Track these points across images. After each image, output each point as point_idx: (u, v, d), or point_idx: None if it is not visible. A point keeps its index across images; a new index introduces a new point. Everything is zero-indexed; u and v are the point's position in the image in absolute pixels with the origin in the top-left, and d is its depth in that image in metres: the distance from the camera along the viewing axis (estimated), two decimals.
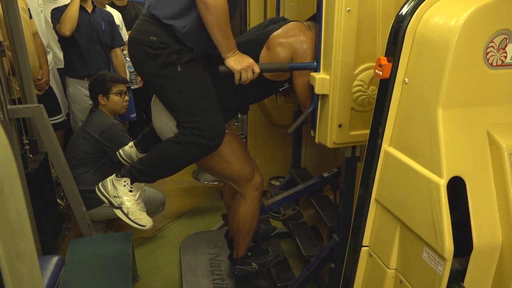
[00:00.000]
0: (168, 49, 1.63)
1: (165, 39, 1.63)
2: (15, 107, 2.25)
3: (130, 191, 1.81)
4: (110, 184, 1.82)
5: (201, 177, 3.71)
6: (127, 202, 1.80)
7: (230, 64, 1.63)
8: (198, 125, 1.68)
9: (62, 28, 2.98)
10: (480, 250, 1.06)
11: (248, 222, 2.02)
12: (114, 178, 1.83)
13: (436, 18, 1.12)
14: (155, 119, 1.89)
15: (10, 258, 0.49)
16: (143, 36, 1.65)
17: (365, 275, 1.42)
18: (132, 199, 1.81)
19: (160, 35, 1.63)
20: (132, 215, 1.80)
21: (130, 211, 1.80)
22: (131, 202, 1.81)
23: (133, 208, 1.81)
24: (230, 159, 1.89)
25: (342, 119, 1.62)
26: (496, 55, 1.09)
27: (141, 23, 1.69)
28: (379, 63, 1.24)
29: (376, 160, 1.31)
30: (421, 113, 1.14)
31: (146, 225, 1.82)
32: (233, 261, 2.19)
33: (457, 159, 1.08)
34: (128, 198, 1.80)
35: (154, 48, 1.63)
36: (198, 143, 1.69)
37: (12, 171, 0.51)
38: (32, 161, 2.44)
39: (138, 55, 1.70)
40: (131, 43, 1.71)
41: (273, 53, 1.78)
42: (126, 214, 1.80)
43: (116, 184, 1.81)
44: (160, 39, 1.63)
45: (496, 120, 1.12)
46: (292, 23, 1.84)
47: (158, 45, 1.63)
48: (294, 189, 2.33)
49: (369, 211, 1.35)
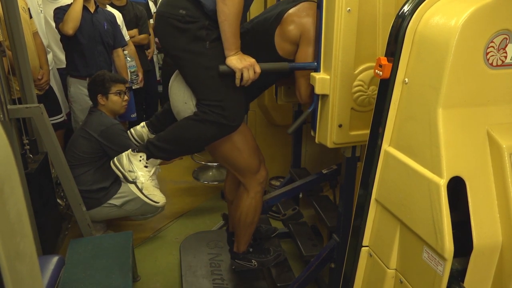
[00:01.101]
0: (198, 23, 1.62)
1: (194, 13, 1.61)
2: (15, 107, 2.25)
3: (145, 166, 1.80)
4: (125, 159, 1.82)
5: (201, 177, 3.71)
6: (142, 177, 1.79)
7: (232, 62, 1.62)
8: (221, 103, 1.67)
9: (65, 27, 2.98)
10: (480, 250, 1.06)
11: (250, 215, 2.02)
12: (130, 153, 1.82)
13: (436, 18, 1.12)
14: (174, 97, 1.86)
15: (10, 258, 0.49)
16: (171, 9, 1.63)
17: (365, 275, 1.42)
18: (147, 175, 1.80)
19: (190, 9, 1.60)
20: (146, 191, 1.80)
21: (144, 186, 1.80)
22: (146, 178, 1.80)
23: (147, 184, 1.80)
24: (242, 148, 1.88)
25: (342, 119, 1.62)
26: (496, 55, 1.09)
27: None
28: (379, 63, 1.24)
29: (376, 160, 1.31)
30: (421, 113, 1.14)
31: (160, 202, 1.83)
32: (234, 254, 2.17)
33: (457, 159, 1.08)
34: (143, 173, 1.80)
35: (183, 22, 1.61)
36: (218, 122, 1.68)
37: (12, 171, 0.51)
38: (32, 161, 2.44)
39: (165, 29, 1.67)
40: (159, 17, 1.69)
41: (285, 30, 1.76)
42: (140, 189, 1.80)
43: (132, 159, 1.81)
44: (189, 12, 1.60)
45: (496, 120, 1.12)
46: (309, 3, 1.80)
47: (187, 18, 1.61)
48: (292, 185, 2.32)
49: (369, 211, 1.35)
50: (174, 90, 1.86)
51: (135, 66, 3.77)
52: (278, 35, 1.77)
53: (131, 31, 3.97)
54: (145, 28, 4.16)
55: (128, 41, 3.76)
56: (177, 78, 1.83)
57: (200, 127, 1.71)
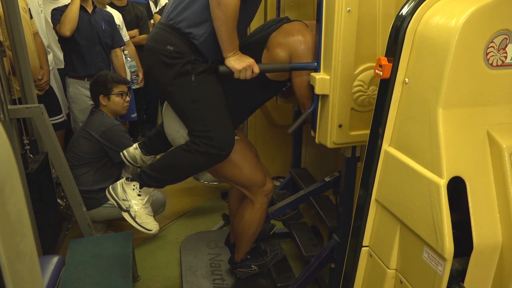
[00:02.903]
0: (184, 59, 1.65)
1: (182, 49, 1.65)
2: (16, 107, 2.25)
3: (138, 195, 1.84)
4: (120, 188, 1.86)
5: (201, 177, 3.70)
6: (135, 206, 1.83)
7: (231, 63, 1.63)
8: (209, 134, 1.69)
9: (62, 29, 2.97)
10: (480, 250, 1.06)
11: (253, 227, 2.05)
12: (124, 181, 1.86)
13: (436, 18, 1.12)
14: (167, 126, 1.90)
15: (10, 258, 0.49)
16: (160, 45, 1.66)
17: (365, 275, 1.42)
18: (140, 203, 1.84)
19: (177, 45, 1.64)
20: (139, 219, 1.84)
21: (137, 215, 1.83)
22: (139, 206, 1.84)
23: (140, 212, 1.84)
24: (241, 165, 1.90)
25: (342, 119, 1.62)
26: (496, 55, 1.09)
27: (159, 32, 1.70)
28: (379, 63, 1.24)
29: (376, 160, 1.31)
30: (421, 113, 1.14)
31: (152, 230, 1.85)
32: (234, 264, 2.21)
33: (457, 159, 1.08)
34: (136, 202, 1.84)
35: (170, 58, 1.65)
36: (207, 152, 1.70)
37: (13, 171, 0.51)
38: (32, 161, 2.44)
39: (153, 63, 1.71)
40: (148, 51, 1.73)
41: (272, 54, 1.79)
42: (133, 218, 1.83)
43: (126, 188, 1.85)
44: (176, 48, 1.64)
45: (496, 120, 1.12)
46: (291, 23, 1.84)
47: (174, 54, 1.64)
48: (296, 195, 2.33)
49: (369, 211, 1.36)
50: (167, 119, 1.91)
51: (135, 66, 3.78)
52: (266, 59, 1.80)
53: (132, 32, 3.98)
54: (145, 29, 4.16)
55: (128, 41, 3.76)
56: (169, 108, 1.87)
57: (191, 157, 1.73)
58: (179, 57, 1.65)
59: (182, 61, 1.65)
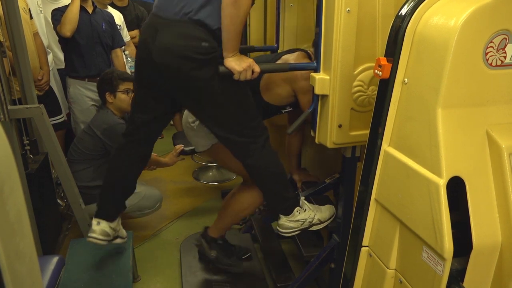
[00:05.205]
0: (217, 52, 1.62)
1: (214, 44, 1.61)
2: (16, 107, 2.25)
3: (304, 210, 1.93)
4: (291, 223, 1.92)
5: (201, 177, 3.71)
6: (313, 217, 1.94)
7: (231, 64, 1.62)
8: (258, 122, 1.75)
9: (62, 29, 2.98)
10: (480, 250, 1.06)
11: (245, 211, 2.15)
12: (287, 218, 1.91)
13: (435, 19, 1.13)
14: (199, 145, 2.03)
15: (10, 258, 0.49)
16: (192, 42, 1.58)
17: (365, 275, 1.42)
18: (311, 211, 1.94)
19: (210, 40, 1.60)
20: (324, 219, 1.98)
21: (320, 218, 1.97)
22: (313, 213, 1.95)
23: (318, 215, 1.96)
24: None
25: (342, 119, 1.62)
26: (496, 55, 1.09)
27: (183, 29, 1.60)
28: (378, 63, 1.25)
29: (376, 160, 1.31)
30: (421, 113, 1.15)
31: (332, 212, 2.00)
32: (204, 235, 2.21)
33: (456, 159, 1.08)
34: (308, 215, 1.93)
35: (207, 54, 1.60)
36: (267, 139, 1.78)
37: (12, 171, 0.51)
38: (32, 161, 2.44)
39: (187, 64, 1.61)
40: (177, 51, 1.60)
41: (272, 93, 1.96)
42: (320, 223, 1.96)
43: (294, 219, 1.91)
44: (211, 44, 1.60)
45: (496, 120, 1.12)
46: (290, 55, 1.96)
47: (210, 50, 1.60)
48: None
49: (369, 211, 1.36)
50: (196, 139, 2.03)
51: None
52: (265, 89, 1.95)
53: (132, 32, 3.98)
54: None
55: (129, 41, 3.76)
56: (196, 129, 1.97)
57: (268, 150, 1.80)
58: (214, 51, 1.61)
59: (217, 55, 1.61)
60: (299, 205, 1.92)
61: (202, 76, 1.63)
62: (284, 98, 2.00)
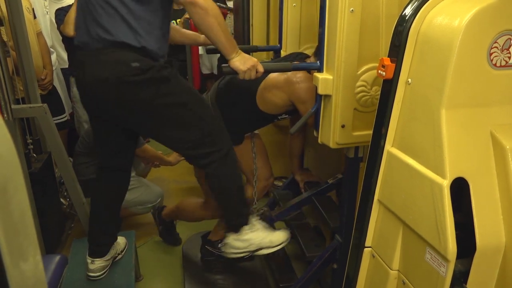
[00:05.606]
0: (155, 67, 1.55)
1: (146, 61, 1.53)
2: (19, 106, 2.26)
3: (254, 231, 1.85)
4: (236, 242, 1.84)
5: None
6: (263, 239, 1.85)
7: (235, 64, 1.62)
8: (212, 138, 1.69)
9: (66, 29, 2.98)
10: (483, 251, 1.06)
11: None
12: (235, 236, 1.84)
13: (439, 19, 1.12)
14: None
15: (13, 257, 0.49)
16: (122, 67, 1.51)
17: (368, 276, 1.42)
18: (261, 233, 1.85)
19: (140, 59, 1.52)
20: (274, 243, 1.87)
21: (271, 241, 1.86)
22: (264, 235, 1.85)
23: (269, 238, 1.86)
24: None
25: (345, 120, 1.61)
26: (500, 55, 1.09)
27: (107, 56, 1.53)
28: (382, 64, 1.24)
29: (379, 160, 1.30)
30: (424, 114, 1.14)
31: (286, 237, 1.89)
32: (206, 241, 2.40)
33: (460, 160, 1.07)
34: (258, 236, 1.84)
35: (141, 73, 1.52)
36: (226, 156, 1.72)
37: (16, 171, 0.51)
38: (35, 160, 2.45)
39: (124, 91, 1.53)
40: (110, 83, 1.52)
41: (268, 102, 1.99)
42: (269, 247, 1.86)
43: (242, 237, 1.84)
44: (142, 62, 1.52)
45: (500, 121, 1.12)
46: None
47: (144, 68, 1.52)
48: (299, 197, 2.33)
49: (372, 212, 1.35)
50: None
51: None
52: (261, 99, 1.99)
53: None
54: None
55: None
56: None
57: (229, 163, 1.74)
58: (149, 68, 1.53)
59: (154, 70, 1.54)
60: (250, 223, 1.86)
61: (144, 97, 1.56)
62: (280, 108, 2.02)
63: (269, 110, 2.03)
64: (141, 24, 1.52)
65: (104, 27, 1.51)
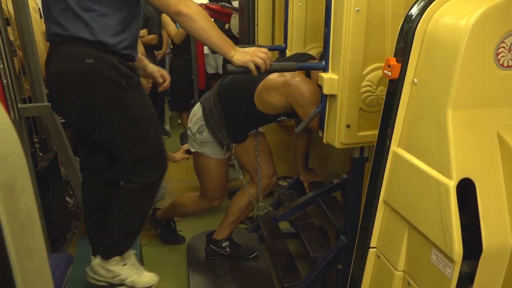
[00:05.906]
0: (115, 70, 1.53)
1: (104, 58, 1.51)
2: (26, 105, 2.27)
3: (124, 265, 1.75)
4: (101, 269, 1.73)
5: None
6: (129, 277, 1.75)
7: (239, 59, 1.57)
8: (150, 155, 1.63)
9: None
10: (490, 252, 1.05)
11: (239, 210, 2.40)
12: (102, 263, 1.72)
13: (446, 19, 1.12)
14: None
15: (20, 256, 0.50)
16: (74, 64, 1.50)
17: (373, 277, 1.41)
18: (131, 270, 1.76)
19: (93, 54, 1.49)
20: (138, 284, 1.76)
21: (135, 282, 1.76)
22: (131, 273, 1.76)
23: (135, 278, 1.76)
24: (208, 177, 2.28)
25: (350, 120, 1.61)
26: (507, 55, 1.08)
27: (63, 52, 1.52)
28: (388, 64, 1.24)
29: (384, 161, 1.30)
30: (430, 114, 1.14)
31: (153, 282, 1.80)
32: (210, 240, 2.47)
33: (466, 161, 1.07)
34: (126, 272, 1.75)
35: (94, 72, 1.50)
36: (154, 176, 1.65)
37: (23, 170, 0.52)
38: (42, 159, 2.46)
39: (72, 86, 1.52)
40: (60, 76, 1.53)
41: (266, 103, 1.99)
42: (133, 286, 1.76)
43: (108, 267, 1.73)
44: (98, 60, 1.50)
45: (507, 121, 1.11)
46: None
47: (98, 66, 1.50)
48: (304, 197, 2.33)
49: (377, 212, 1.35)
50: None
51: None
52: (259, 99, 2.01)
53: (140, 31, 4.00)
54: (154, 29, 4.18)
55: None
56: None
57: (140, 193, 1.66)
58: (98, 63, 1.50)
59: (113, 73, 1.51)
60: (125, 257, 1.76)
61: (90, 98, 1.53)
62: (278, 109, 2.03)
63: (267, 111, 2.04)
64: (93, 17, 1.49)
65: (59, 22, 1.51)
